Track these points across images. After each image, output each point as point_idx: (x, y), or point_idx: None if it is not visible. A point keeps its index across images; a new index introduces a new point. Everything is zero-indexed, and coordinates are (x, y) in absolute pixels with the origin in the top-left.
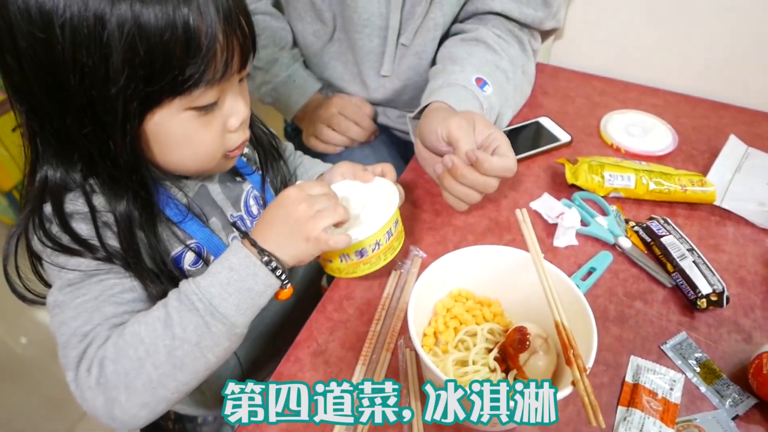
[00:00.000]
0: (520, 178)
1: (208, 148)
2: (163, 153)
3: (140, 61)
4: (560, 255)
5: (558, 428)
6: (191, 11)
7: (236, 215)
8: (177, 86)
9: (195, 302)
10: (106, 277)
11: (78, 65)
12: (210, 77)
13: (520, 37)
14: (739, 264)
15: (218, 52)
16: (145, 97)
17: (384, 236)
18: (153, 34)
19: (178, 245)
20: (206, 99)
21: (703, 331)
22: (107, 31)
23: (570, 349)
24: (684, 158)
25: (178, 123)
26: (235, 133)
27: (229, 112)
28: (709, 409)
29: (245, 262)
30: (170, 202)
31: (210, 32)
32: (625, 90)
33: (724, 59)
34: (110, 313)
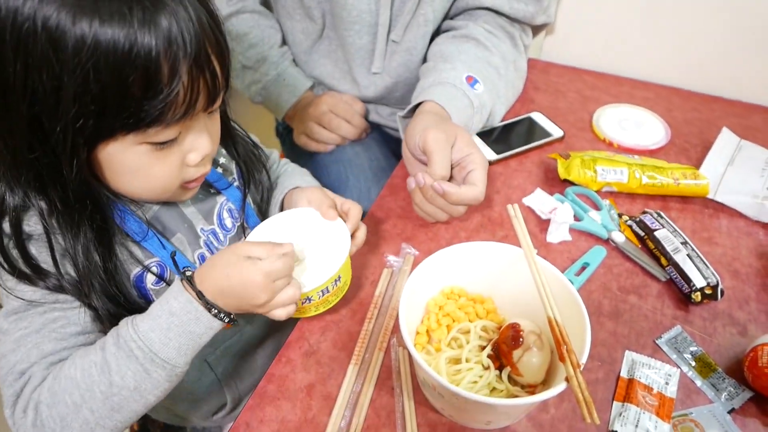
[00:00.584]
0: (512, 173)
1: (162, 182)
2: (116, 181)
3: (92, 97)
4: (554, 250)
5: (553, 425)
6: (154, 42)
7: (207, 229)
8: (130, 124)
9: (134, 350)
10: (50, 308)
11: (28, 92)
12: (167, 118)
13: (511, 32)
14: (733, 256)
15: (180, 94)
16: (95, 131)
17: (317, 294)
18: (110, 66)
19: (137, 266)
20: (164, 136)
21: (698, 325)
22: (62, 57)
23: (563, 345)
24: (677, 151)
25: (131, 155)
26: (194, 167)
27: (189, 148)
28: (705, 402)
29: (187, 307)
30: (129, 218)
31: (173, 73)
32: (616, 84)
33: (715, 52)
34: (48, 351)
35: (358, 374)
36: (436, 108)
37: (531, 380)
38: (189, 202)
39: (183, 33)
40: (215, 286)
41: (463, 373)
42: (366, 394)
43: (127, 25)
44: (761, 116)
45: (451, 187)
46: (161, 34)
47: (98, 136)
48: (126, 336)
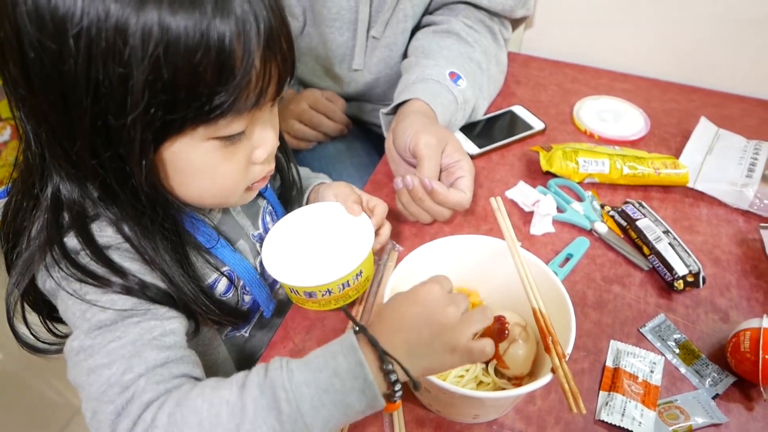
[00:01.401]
0: (494, 167)
1: (230, 181)
2: (181, 184)
3: (163, 86)
4: (537, 242)
5: (541, 417)
6: (228, 28)
7: (256, 234)
8: (202, 115)
9: (281, 401)
10: (144, 318)
11: (92, 84)
12: (240, 106)
13: (491, 26)
14: (714, 244)
15: (253, 80)
16: (165, 124)
17: (338, 287)
18: (181, 53)
19: (212, 273)
20: (233, 129)
21: (681, 313)
22: (129, 46)
23: (548, 336)
24: (656, 142)
25: (199, 153)
26: (260, 164)
27: (256, 143)
28: (690, 389)
29: (356, 371)
30: (199, 225)
31: (247, 57)
32: (596, 76)
33: (692, 43)
34: (152, 360)
35: None
36: (423, 107)
37: (517, 372)
38: (240, 209)
39: (256, 15)
40: (388, 325)
41: None
42: None
43: (199, 9)
44: (738, 105)
45: (439, 186)
46: (233, 17)
47: (167, 131)
48: (277, 381)
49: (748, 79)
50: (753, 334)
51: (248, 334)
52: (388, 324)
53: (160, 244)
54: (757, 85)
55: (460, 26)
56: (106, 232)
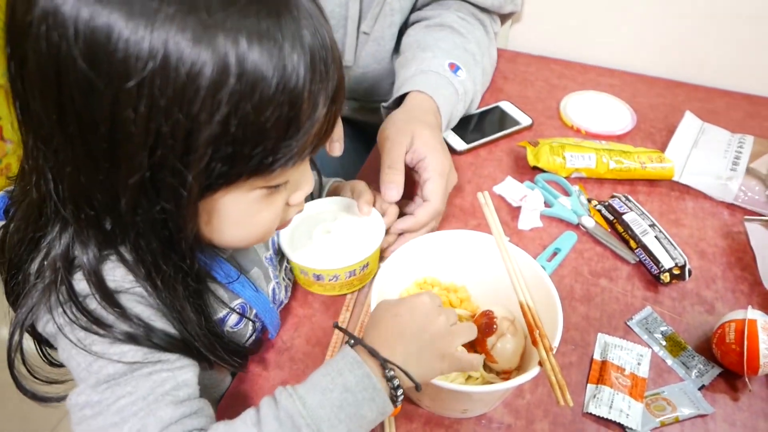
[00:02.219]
0: (482, 163)
1: (265, 228)
2: (219, 231)
3: (229, 138)
4: (525, 237)
5: (529, 410)
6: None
7: (268, 256)
8: (262, 168)
9: (302, 427)
10: (154, 370)
11: (151, 138)
12: (297, 157)
13: (482, 19)
14: (700, 237)
15: (315, 131)
16: (220, 177)
17: (345, 274)
18: (255, 102)
19: (222, 309)
20: (284, 178)
21: (668, 305)
22: (200, 96)
23: (536, 330)
24: (642, 136)
25: (245, 202)
26: (294, 207)
27: (295, 187)
28: (676, 381)
29: (364, 383)
30: (215, 260)
31: (314, 104)
32: (582, 72)
33: (678, 38)
34: (168, 418)
35: None
36: (424, 100)
37: (506, 366)
38: None
39: (322, 53)
40: (385, 337)
41: None
42: None
43: (277, 46)
44: (723, 100)
45: (406, 223)
46: (305, 55)
47: (220, 183)
48: (292, 410)
49: (732, 73)
50: (738, 326)
51: None
52: (384, 333)
53: (180, 289)
54: (741, 80)
55: (453, 18)
56: (115, 274)
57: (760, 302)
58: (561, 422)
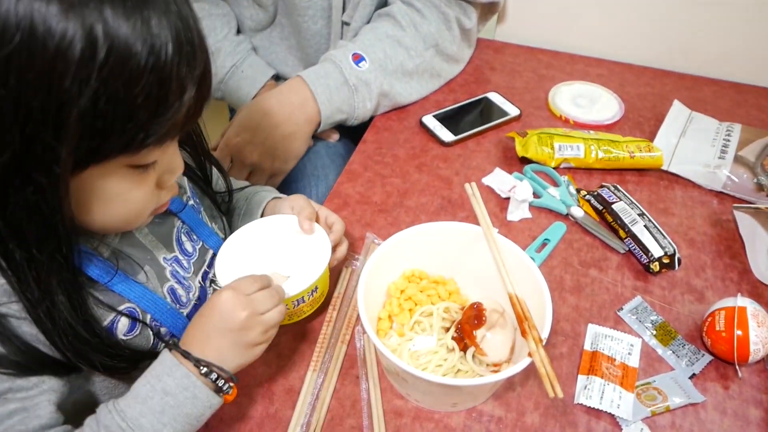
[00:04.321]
0: (470, 154)
1: (138, 207)
2: (87, 211)
3: (99, 113)
4: (515, 228)
5: (520, 403)
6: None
7: (170, 257)
8: (132, 145)
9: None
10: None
11: (21, 111)
12: (165, 137)
13: (446, 13)
14: (689, 226)
15: (183, 113)
16: (90, 153)
17: (292, 303)
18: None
19: (108, 313)
20: (151, 157)
21: (658, 294)
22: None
23: (525, 321)
24: (631, 126)
25: (114, 181)
26: (166, 190)
27: (165, 169)
28: (667, 370)
29: (183, 383)
30: (91, 259)
31: (183, 82)
32: (570, 62)
33: (665, 27)
34: None
35: (322, 364)
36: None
37: (495, 359)
38: (146, 230)
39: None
40: (198, 338)
41: (427, 357)
42: (330, 385)
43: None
44: (710, 88)
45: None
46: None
47: (90, 160)
48: (112, 425)
49: (719, 62)
50: (728, 313)
51: None
52: (196, 334)
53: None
54: (729, 68)
55: (398, 9)
56: None
57: (750, 290)
58: (552, 414)
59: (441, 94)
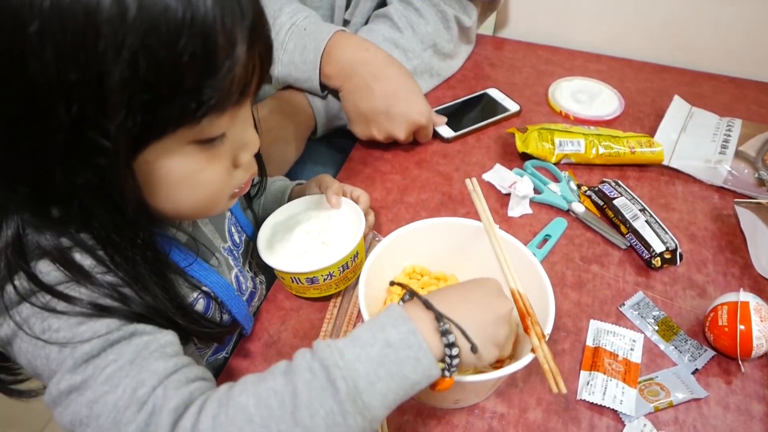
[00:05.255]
0: (470, 150)
1: (212, 189)
2: (157, 196)
3: (143, 80)
4: (515, 224)
5: (522, 399)
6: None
7: (225, 247)
8: (187, 115)
9: (337, 379)
10: (133, 338)
11: (64, 89)
12: (225, 103)
13: (444, 11)
14: (690, 221)
15: (239, 72)
16: (145, 129)
17: (338, 269)
18: (162, 38)
19: (191, 293)
20: (216, 129)
21: (659, 290)
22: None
23: (527, 317)
24: (631, 121)
25: (179, 160)
26: (243, 168)
27: (238, 144)
28: (669, 365)
29: (409, 339)
30: (172, 244)
31: (231, 43)
32: (570, 58)
33: (665, 23)
34: (163, 369)
35: None
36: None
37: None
38: (207, 220)
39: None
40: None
41: None
42: None
43: None
44: (710, 83)
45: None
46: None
47: (147, 136)
48: (328, 361)
49: (719, 57)
50: (730, 308)
51: (229, 355)
52: (447, 295)
53: (140, 265)
54: (729, 63)
55: (394, 9)
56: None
57: (752, 285)
58: (554, 410)
59: (440, 90)
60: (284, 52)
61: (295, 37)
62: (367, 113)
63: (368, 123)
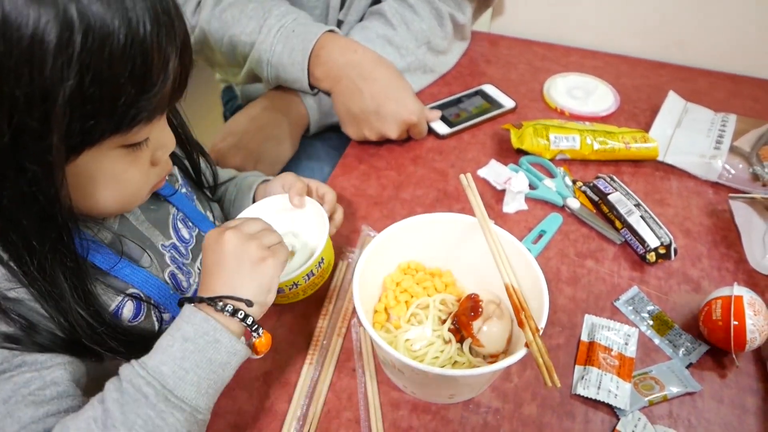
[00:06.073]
0: (466, 146)
1: (135, 187)
2: (84, 196)
3: (85, 97)
4: (510, 220)
5: (517, 394)
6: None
7: (167, 244)
8: (123, 124)
9: (142, 387)
10: (17, 372)
11: (5, 102)
12: (155, 112)
13: (439, 8)
14: (684, 216)
15: (169, 84)
16: (81, 138)
17: (303, 278)
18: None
19: (113, 297)
20: (143, 135)
21: (654, 284)
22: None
23: (521, 311)
24: (626, 117)
25: (107, 162)
26: (160, 166)
27: (158, 145)
28: (664, 359)
29: (203, 327)
30: (93, 246)
31: (165, 58)
32: (566, 54)
33: (660, 19)
34: (28, 418)
35: (318, 358)
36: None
37: (492, 350)
38: (142, 216)
39: (164, 4)
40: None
41: (424, 349)
42: (326, 378)
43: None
44: (706, 80)
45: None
46: (148, 8)
47: (83, 144)
48: (131, 375)
49: (714, 53)
50: (724, 303)
51: None
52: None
53: (59, 273)
54: (724, 60)
55: (388, 6)
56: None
57: (746, 279)
58: (549, 404)
59: (436, 86)
60: (273, 54)
61: (283, 39)
62: (357, 114)
63: (359, 124)
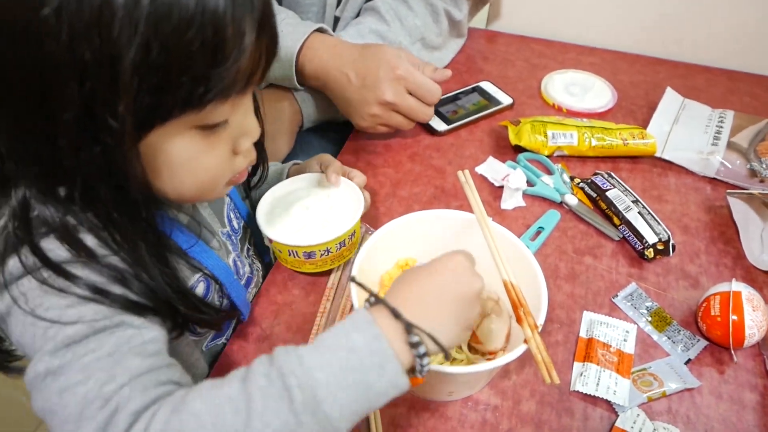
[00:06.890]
0: (463, 143)
1: (212, 174)
2: (158, 178)
3: (153, 65)
4: (508, 217)
5: (516, 391)
6: (221, 1)
7: (224, 232)
8: (192, 100)
9: (292, 387)
10: (118, 329)
11: (78, 68)
12: (230, 90)
13: (434, 4)
14: (682, 212)
15: (245, 61)
16: (152, 111)
17: (335, 246)
18: (173, 24)
19: (191, 276)
20: (219, 115)
21: (652, 281)
22: (117, 17)
23: (520, 307)
24: (624, 113)
25: (181, 144)
26: (243, 155)
27: (240, 131)
28: (662, 356)
29: (373, 345)
30: (174, 225)
31: (240, 32)
32: (563, 51)
33: (658, 15)
34: (137, 369)
35: None
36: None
37: (491, 347)
38: (206, 204)
39: None
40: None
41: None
42: None
43: None
44: (703, 76)
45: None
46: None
47: (152, 119)
48: (286, 366)
49: (712, 50)
50: (722, 298)
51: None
52: (416, 292)
53: (141, 246)
54: (721, 56)
55: (382, 2)
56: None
57: (744, 275)
58: (548, 401)
59: None
60: None
61: None
62: (352, 97)
63: (359, 108)
